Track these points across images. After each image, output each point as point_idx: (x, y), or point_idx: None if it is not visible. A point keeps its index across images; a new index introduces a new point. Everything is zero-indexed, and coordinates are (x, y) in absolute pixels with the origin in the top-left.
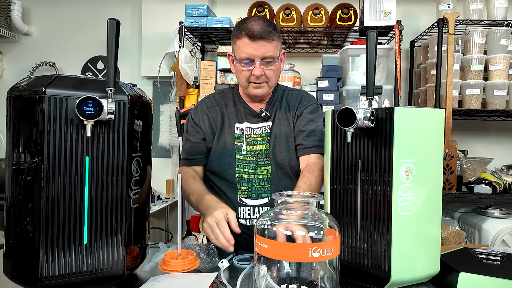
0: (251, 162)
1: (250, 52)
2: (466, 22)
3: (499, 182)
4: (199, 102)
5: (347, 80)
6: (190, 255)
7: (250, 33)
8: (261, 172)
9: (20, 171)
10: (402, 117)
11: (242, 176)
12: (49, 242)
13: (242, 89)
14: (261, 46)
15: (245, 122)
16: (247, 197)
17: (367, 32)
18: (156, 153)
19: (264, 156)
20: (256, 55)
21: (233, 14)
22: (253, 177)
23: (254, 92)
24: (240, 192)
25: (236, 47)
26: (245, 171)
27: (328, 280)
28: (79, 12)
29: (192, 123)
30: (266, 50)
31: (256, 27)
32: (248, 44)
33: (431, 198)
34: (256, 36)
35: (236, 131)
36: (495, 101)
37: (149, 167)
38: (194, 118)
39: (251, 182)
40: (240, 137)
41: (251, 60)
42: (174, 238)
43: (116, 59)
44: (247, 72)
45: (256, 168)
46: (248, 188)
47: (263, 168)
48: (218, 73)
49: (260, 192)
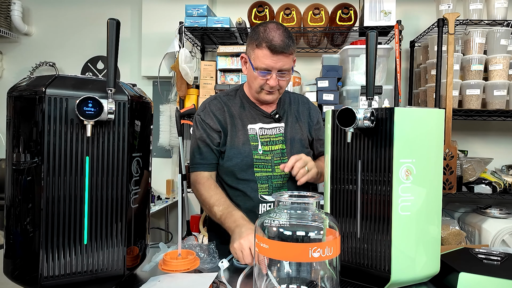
0: (268, 162)
1: (269, 64)
2: (466, 22)
3: (499, 182)
4: (207, 105)
5: (347, 80)
6: (190, 255)
7: (272, 47)
8: (278, 170)
9: (20, 171)
10: (402, 117)
11: (261, 175)
12: (49, 242)
13: (252, 93)
14: (280, 60)
15: (258, 123)
16: (267, 193)
17: (367, 32)
18: (156, 153)
19: (281, 156)
20: (275, 67)
21: (233, 14)
22: (271, 175)
23: (265, 98)
24: (260, 190)
25: (255, 55)
26: (264, 170)
27: (328, 280)
28: (79, 12)
29: (205, 126)
30: (284, 63)
31: (277, 39)
32: (268, 56)
33: (431, 198)
34: (277, 50)
35: (249, 131)
36: (495, 101)
37: (149, 167)
38: (207, 121)
39: (271, 179)
40: (255, 137)
41: (269, 71)
42: (174, 238)
43: (116, 59)
44: (262, 81)
45: (273, 166)
46: (268, 185)
47: None
48: (218, 73)
49: (280, 188)
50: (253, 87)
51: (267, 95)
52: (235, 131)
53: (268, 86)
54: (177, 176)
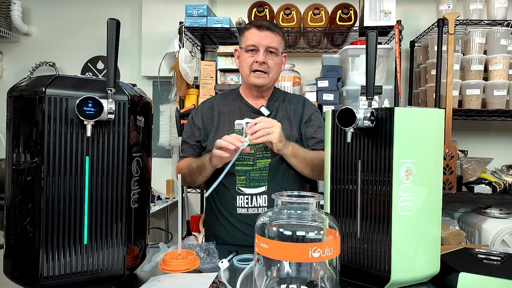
0: (250, 155)
1: (256, 40)
2: (466, 22)
3: (499, 182)
4: (200, 104)
5: (347, 80)
6: (190, 255)
7: (258, 24)
8: (259, 164)
9: (20, 171)
10: (402, 117)
11: (241, 168)
12: (49, 242)
13: (244, 81)
14: (266, 36)
15: (245, 118)
16: (245, 186)
17: (367, 32)
18: (156, 153)
19: (264, 150)
20: (262, 44)
21: (233, 14)
22: (251, 168)
23: (255, 82)
24: (238, 182)
25: (244, 37)
26: (244, 163)
27: (328, 280)
28: (79, 12)
29: (191, 123)
30: (271, 40)
31: (265, 22)
32: (256, 33)
33: (431, 198)
34: (263, 27)
35: (236, 127)
36: (495, 101)
37: (149, 167)
38: (194, 119)
39: (249, 172)
40: (240, 132)
41: (256, 48)
42: (174, 238)
43: (116, 59)
44: (251, 59)
45: (254, 160)
46: (246, 177)
47: (262, 160)
48: (218, 73)
49: (258, 181)
50: (244, 72)
51: (257, 79)
52: (221, 127)
53: (257, 64)
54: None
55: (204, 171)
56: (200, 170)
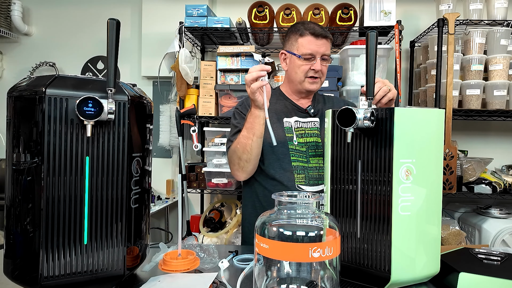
0: (303, 153)
1: (314, 49)
2: (466, 22)
3: (499, 182)
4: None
5: (347, 80)
6: (190, 255)
7: (315, 32)
8: (313, 162)
9: (20, 171)
10: (402, 117)
11: (298, 164)
12: (49, 242)
13: (293, 84)
14: (323, 44)
15: (294, 117)
16: (304, 183)
17: (367, 32)
18: (156, 153)
19: (316, 148)
20: (318, 52)
21: (233, 14)
22: (307, 166)
23: (309, 87)
24: (297, 179)
25: (299, 44)
26: (299, 160)
27: (328, 280)
28: (79, 12)
29: (242, 115)
30: (326, 48)
31: (317, 27)
32: (313, 41)
33: (431, 198)
34: (320, 35)
35: (285, 124)
36: (495, 101)
37: (149, 167)
38: (244, 112)
39: (307, 170)
40: (290, 130)
41: (313, 56)
42: (174, 238)
43: (116, 59)
44: (306, 66)
45: (308, 157)
46: (304, 175)
47: (315, 158)
48: (218, 73)
49: (316, 179)
50: (297, 78)
51: (311, 84)
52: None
53: (313, 71)
54: (177, 176)
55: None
56: (250, 128)
